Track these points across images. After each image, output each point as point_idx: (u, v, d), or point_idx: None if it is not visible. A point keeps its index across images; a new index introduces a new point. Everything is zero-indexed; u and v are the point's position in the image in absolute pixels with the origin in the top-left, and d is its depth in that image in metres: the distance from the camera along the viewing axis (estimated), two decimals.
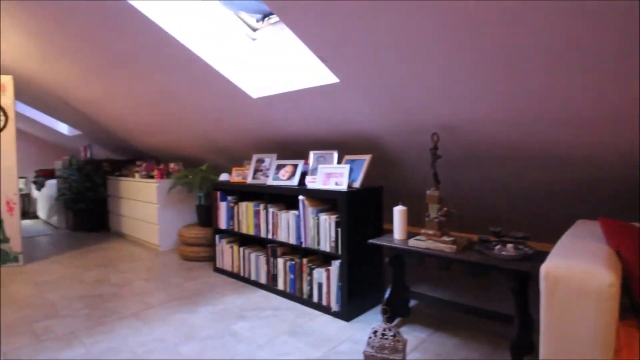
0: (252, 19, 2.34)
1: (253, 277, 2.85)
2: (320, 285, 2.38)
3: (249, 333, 2.10)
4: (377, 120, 2.14)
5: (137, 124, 3.89)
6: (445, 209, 1.92)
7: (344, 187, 2.28)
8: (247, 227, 2.88)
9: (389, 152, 2.37)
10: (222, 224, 3.11)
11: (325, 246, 2.34)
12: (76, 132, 5.50)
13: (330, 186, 2.34)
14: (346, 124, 2.33)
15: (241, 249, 2.94)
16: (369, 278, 2.39)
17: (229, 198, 3.05)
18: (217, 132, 3.27)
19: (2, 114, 3.39)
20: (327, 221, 2.31)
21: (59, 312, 2.39)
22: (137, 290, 2.78)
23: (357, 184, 2.32)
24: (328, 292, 2.34)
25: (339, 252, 2.25)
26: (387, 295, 2.10)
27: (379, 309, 2.41)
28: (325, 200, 2.50)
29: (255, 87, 2.44)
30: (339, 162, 2.49)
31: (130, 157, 5.56)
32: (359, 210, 2.29)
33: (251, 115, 2.72)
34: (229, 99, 2.62)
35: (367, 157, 2.36)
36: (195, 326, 2.19)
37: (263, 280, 2.77)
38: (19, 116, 5.65)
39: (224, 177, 3.23)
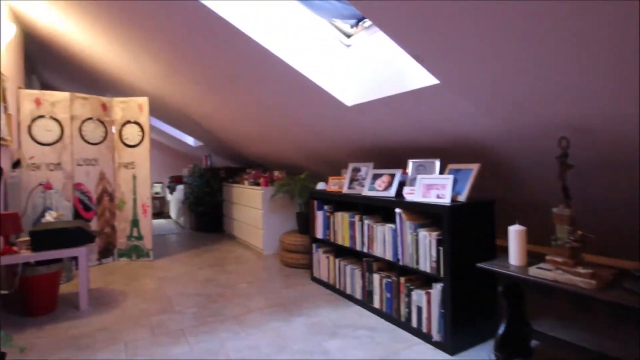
0: (346, 25, 2.26)
1: (348, 291, 2.74)
2: (419, 309, 2.15)
3: (340, 354, 1.99)
4: (486, 124, 1.83)
5: (245, 134, 4.16)
6: (579, 232, 1.53)
7: (446, 200, 2.02)
8: (342, 238, 2.80)
9: (501, 160, 2.02)
10: (319, 233, 3.09)
11: (425, 266, 2.10)
12: (199, 143, 6.19)
13: (431, 199, 2.10)
14: (449, 128, 2.07)
15: (337, 260, 2.86)
16: (479, 307, 2.07)
17: (326, 207, 3.01)
18: (314, 141, 3.28)
19: (140, 130, 3.96)
20: (427, 238, 2.08)
21: (173, 308, 2.64)
22: (239, 292, 2.92)
23: (462, 197, 2.04)
24: (429, 318, 2.09)
25: (441, 274, 1.99)
26: (501, 330, 1.77)
27: (490, 344, 2.06)
28: (425, 214, 2.26)
29: (349, 94, 2.34)
30: (442, 171, 2.23)
31: (242, 165, 6.03)
32: (465, 228, 2.00)
33: (346, 123, 2.63)
34: (324, 108, 2.57)
35: (474, 167, 2.05)
36: (288, 337, 2.17)
37: (358, 295, 2.64)
38: (156, 130, 6.62)
39: (321, 185, 3.21)
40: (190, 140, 6.56)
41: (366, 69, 2.24)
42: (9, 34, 3.03)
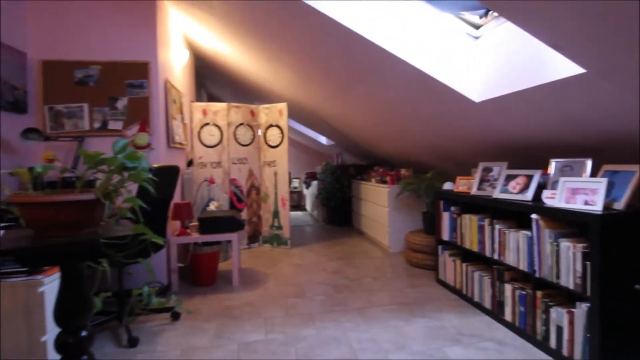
0: (474, 17, 2.12)
1: (476, 298, 2.59)
2: (559, 329, 1.90)
3: None
4: None
5: (371, 133, 4.27)
6: None
7: (597, 207, 1.73)
8: (470, 242, 2.65)
9: None
10: (445, 234, 2.98)
11: (568, 281, 1.84)
12: (331, 141, 6.58)
13: (577, 205, 1.83)
14: (602, 123, 1.76)
15: (464, 264, 2.73)
16: (637, 335, 1.72)
17: (452, 208, 2.89)
18: (440, 140, 3.16)
19: (280, 132, 4.46)
20: (571, 250, 1.82)
21: (305, 293, 2.93)
22: (364, 286, 3.05)
23: (620, 205, 1.71)
24: (570, 341, 1.84)
25: (588, 292, 1.73)
26: None
27: None
28: (569, 222, 1.98)
29: (477, 90, 2.20)
30: (593, 174, 1.91)
31: (370, 163, 6.18)
32: (621, 241, 1.68)
33: (475, 120, 2.47)
34: (449, 105, 2.47)
35: (637, 169, 1.70)
36: (408, 337, 2.20)
37: (487, 304, 2.47)
38: (294, 131, 7.29)
39: (447, 185, 3.09)
40: (323, 139, 7.03)
41: (497, 61, 2.07)
42: (184, 59, 3.79)
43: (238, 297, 2.88)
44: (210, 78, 5.92)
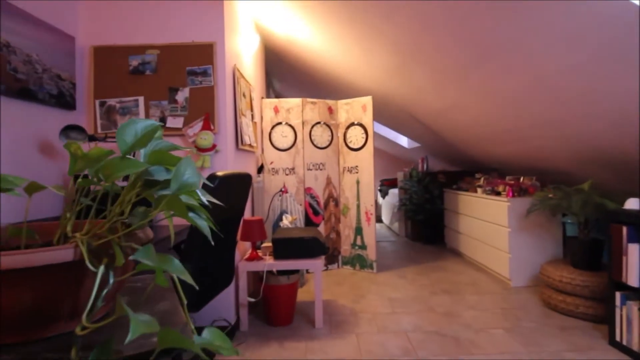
0: None
1: None
2: None
3: None
4: None
5: (483, 132, 3.33)
6: None
7: None
8: None
9: None
10: (632, 277, 1.98)
11: None
12: (414, 144, 5.68)
13: None
14: None
15: None
16: None
17: None
18: (614, 135, 2.16)
19: (364, 132, 3.70)
20: None
21: (415, 350, 2.11)
22: (497, 342, 2.15)
23: None
24: None
25: None
26: None
27: None
28: None
29: None
30: None
31: (465, 169, 5.17)
32: None
33: None
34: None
35: None
36: None
37: None
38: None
39: (633, 204, 2.08)
40: (404, 141, 6.15)
41: None
42: (254, 45, 3.19)
43: (325, 349, 2.14)
44: (278, 75, 5.36)
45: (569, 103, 2.15)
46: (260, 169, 3.39)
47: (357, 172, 3.76)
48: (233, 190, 1.62)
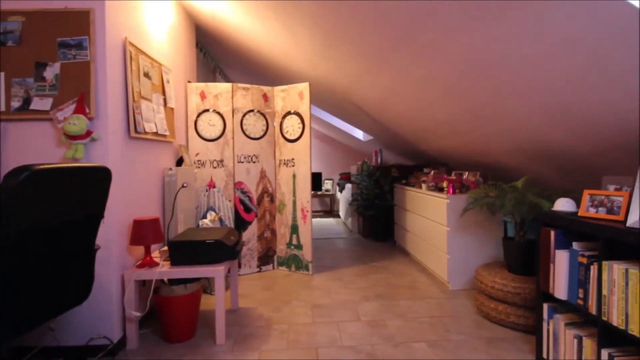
0: None
1: None
2: None
3: None
4: None
5: (425, 124, 3.07)
6: None
7: None
8: (619, 315, 1.42)
9: None
10: (560, 289, 1.76)
11: None
12: (368, 137, 5.42)
13: None
14: None
15: (603, 351, 1.51)
16: None
17: (577, 247, 1.67)
18: (553, 129, 1.93)
19: (300, 121, 3.39)
20: None
21: None
22: None
23: None
24: None
25: None
26: None
27: None
28: None
29: None
30: None
31: (419, 163, 4.95)
32: None
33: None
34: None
35: None
36: None
37: None
38: (327, 125, 6.19)
39: (563, 205, 1.85)
40: (359, 134, 5.88)
41: None
42: (168, 20, 2.81)
43: None
44: (226, 60, 4.96)
45: (505, 94, 1.90)
46: (179, 162, 3.03)
47: (293, 166, 3.45)
48: (64, 187, 1.28)
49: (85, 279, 1.53)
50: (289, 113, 3.45)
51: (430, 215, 3.25)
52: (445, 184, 3.18)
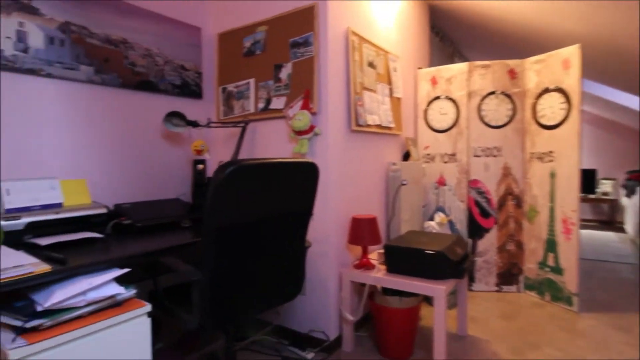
0: None
1: None
2: None
3: None
4: None
5: None
6: None
7: None
8: None
9: None
10: None
11: None
12: None
13: None
14: None
15: None
16: None
17: None
18: None
19: (565, 100, 2.48)
20: None
21: None
22: None
23: None
24: None
25: None
26: None
27: None
28: None
29: None
30: None
31: None
32: None
33: None
34: None
35: None
36: None
37: None
38: (593, 99, 4.54)
39: None
40: None
41: None
42: (395, 7, 2.57)
43: None
44: (464, 41, 4.39)
45: None
46: (406, 156, 2.79)
47: (551, 160, 2.58)
48: (270, 182, 1.23)
49: (294, 276, 1.48)
50: (546, 90, 2.60)
51: None
52: None
